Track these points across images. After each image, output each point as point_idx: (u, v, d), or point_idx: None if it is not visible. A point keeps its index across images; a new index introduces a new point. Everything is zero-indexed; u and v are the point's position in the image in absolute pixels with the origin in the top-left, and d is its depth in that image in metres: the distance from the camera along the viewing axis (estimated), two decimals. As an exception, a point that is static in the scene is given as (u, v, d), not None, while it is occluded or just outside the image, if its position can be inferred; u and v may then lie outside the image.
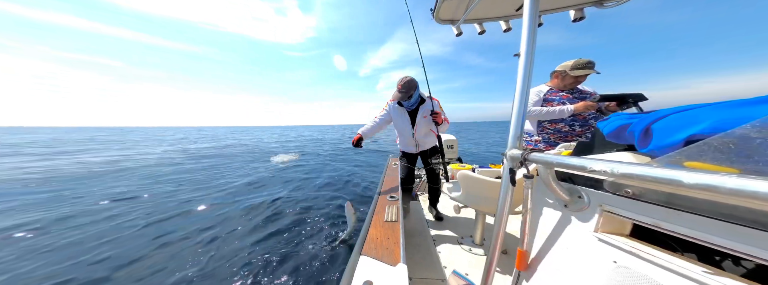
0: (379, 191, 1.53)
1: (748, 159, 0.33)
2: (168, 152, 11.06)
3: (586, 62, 1.50)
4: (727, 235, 0.35)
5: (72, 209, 3.60)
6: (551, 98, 1.62)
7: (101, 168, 6.92)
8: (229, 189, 4.63)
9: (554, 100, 1.61)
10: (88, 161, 8.34)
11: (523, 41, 0.68)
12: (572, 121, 1.58)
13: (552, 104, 1.60)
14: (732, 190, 0.24)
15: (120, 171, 6.49)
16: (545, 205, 0.67)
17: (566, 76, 1.57)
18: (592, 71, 1.50)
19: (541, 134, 1.70)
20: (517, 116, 0.67)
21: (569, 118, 1.57)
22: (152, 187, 4.79)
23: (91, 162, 8.19)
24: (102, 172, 6.30)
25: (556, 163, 0.48)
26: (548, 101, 1.62)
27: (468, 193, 1.48)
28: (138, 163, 7.88)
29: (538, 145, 1.70)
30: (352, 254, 0.83)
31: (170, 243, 2.53)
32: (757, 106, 0.43)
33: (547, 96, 1.63)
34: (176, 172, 6.26)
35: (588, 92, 1.61)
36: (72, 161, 8.38)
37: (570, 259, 0.57)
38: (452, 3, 1.32)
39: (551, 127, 1.64)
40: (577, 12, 1.31)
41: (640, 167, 0.32)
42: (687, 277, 0.38)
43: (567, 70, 1.54)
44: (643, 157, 0.61)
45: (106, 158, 9.12)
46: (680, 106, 0.54)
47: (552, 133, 1.65)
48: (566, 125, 1.59)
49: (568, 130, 1.60)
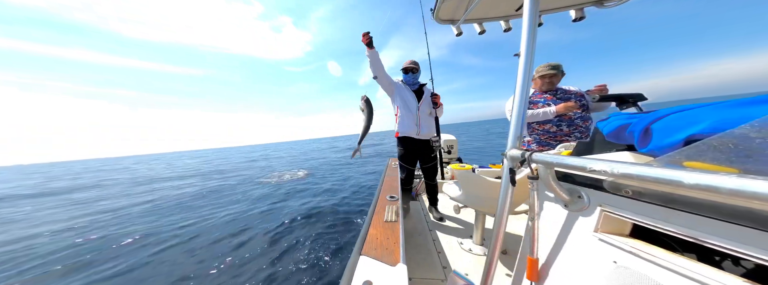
0: (379, 191, 1.53)
1: (747, 159, 0.33)
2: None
3: (546, 65, 1.67)
4: (727, 235, 0.35)
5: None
6: (536, 100, 1.71)
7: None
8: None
9: (539, 102, 1.70)
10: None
11: (523, 41, 0.68)
12: (559, 121, 1.64)
13: (537, 106, 1.69)
14: (732, 190, 0.23)
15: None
16: (545, 205, 0.67)
17: (535, 80, 1.72)
18: (554, 71, 1.65)
19: (531, 135, 1.77)
20: (517, 116, 0.67)
21: (556, 119, 1.64)
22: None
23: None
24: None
25: (556, 163, 0.48)
26: (534, 103, 1.71)
27: (468, 193, 1.48)
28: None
29: (530, 145, 1.78)
30: (352, 254, 0.83)
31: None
32: (757, 106, 0.43)
33: (532, 98, 1.73)
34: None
35: (572, 92, 1.67)
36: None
37: (570, 259, 0.57)
38: (452, 3, 1.32)
39: (540, 128, 1.71)
40: (578, 12, 1.31)
41: (640, 167, 0.32)
42: (687, 277, 0.38)
43: (535, 74, 1.71)
44: (643, 157, 0.61)
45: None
46: (680, 106, 0.54)
47: (541, 134, 1.72)
48: (554, 126, 1.66)
49: (556, 131, 1.66)
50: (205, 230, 3.78)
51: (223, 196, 6.36)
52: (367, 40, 1.68)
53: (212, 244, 3.23)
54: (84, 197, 8.36)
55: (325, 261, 2.55)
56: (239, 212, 4.58)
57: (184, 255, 3.00)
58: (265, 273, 2.39)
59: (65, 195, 9.29)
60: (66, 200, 8.05)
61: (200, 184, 8.70)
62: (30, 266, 3.11)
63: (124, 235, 3.90)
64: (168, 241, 3.45)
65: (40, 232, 4.59)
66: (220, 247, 3.09)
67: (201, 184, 8.91)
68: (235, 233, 3.51)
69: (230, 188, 7.35)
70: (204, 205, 5.53)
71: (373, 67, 1.82)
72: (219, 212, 4.72)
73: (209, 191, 7.17)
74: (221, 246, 3.14)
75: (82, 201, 7.61)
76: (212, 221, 4.19)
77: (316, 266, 2.47)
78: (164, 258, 2.96)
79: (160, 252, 3.13)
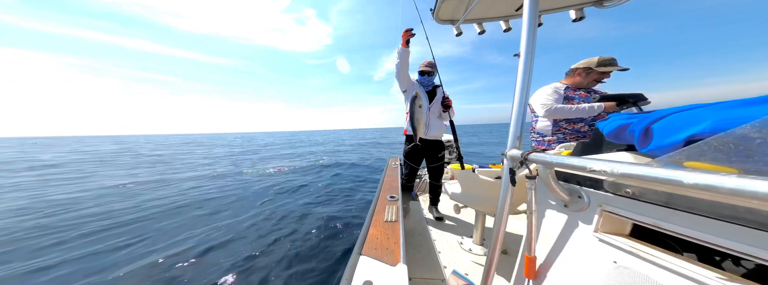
0: (379, 191, 1.53)
1: (748, 159, 0.33)
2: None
3: (611, 58, 1.41)
4: (727, 235, 0.35)
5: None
6: (572, 96, 1.52)
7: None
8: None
9: (575, 98, 1.51)
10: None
11: (523, 41, 0.68)
12: (593, 120, 1.48)
13: (573, 103, 1.49)
14: (732, 190, 0.23)
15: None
16: (545, 205, 0.67)
17: (591, 73, 1.47)
18: (617, 68, 1.42)
19: (555, 134, 1.58)
20: (517, 116, 0.67)
21: (589, 118, 1.47)
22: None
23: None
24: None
25: (556, 163, 0.48)
26: (569, 99, 1.52)
27: (468, 193, 1.47)
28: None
29: (551, 145, 1.58)
30: (352, 254, 0.83)
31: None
32: (757, 106, 0.43)
33: (568, 94, 1.53)
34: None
35: (601, 92, 1.53)
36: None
37: (570, 259, 0.57)
38: (452, 3, 1.32)
39: (569, 127, 1.53)
40: (578, 12, 1.31)
41: (640, 167, 0.32)
42: (687, 277, 0.38)
43: (593, 67, 1.45)
44: (643, 157, 0.61)
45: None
46: (680, 106, 0.54)
47: (569, 133, 1.54)
48: (586, 125, 1.49)
49: (587, 130, 1.49)
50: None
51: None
52: (408, 38, 1.66)
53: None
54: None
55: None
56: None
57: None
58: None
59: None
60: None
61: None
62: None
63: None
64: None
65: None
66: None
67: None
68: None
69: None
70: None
71: (400, 64, 1.82)
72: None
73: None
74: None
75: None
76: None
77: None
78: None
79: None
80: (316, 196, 4.45)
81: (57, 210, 3.96)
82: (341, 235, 2.81)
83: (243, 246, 2.56)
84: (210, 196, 4.57)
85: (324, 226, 3.01)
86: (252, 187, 5.23)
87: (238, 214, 3.54)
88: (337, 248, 2.48)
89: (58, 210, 3.96)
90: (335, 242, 2.64)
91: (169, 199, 4.47)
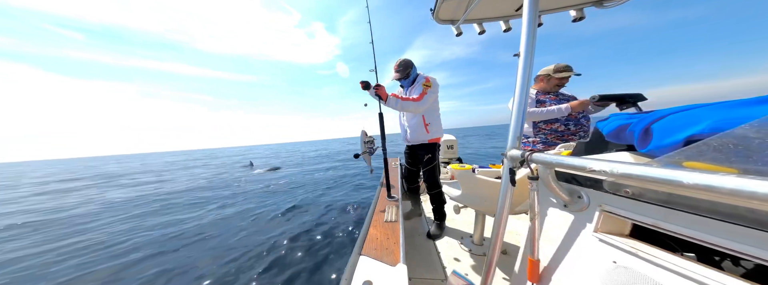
0: (379, 191, 1.53)
1: (747, 159, 0.33)
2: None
3: (566, 66, 1.63)
4: (727, 235, 0.35)
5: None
6: (543, 100, 1.68)
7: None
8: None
9: (546, 102, 1.67)
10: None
11: (523, 41, 0.68)
12: (566, 120, 1.63)
13: (545, 105, 1.65)
14: (732, 190, 0.23)
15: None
16: (545, 206, 0.67)
17: (551, 79, 1.67)
18: (572, 73, 1.62)
19: (538, 135, 1.73)
20: (517, 116, 0.67)
21: (563, 118, 1.63)
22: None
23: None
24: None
25: (556, 163, 0.48)
26: (541, 103, 1.68)
27: (468, 193, 1.47)
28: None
29: (536, 145, 1.73)
30: (352, 254, 0.83)
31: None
32: (756, 106, 0.43)
33: (539, 98, 1.69)
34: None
35: (568, 95, 1.70)
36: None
37: (570, 259, 0.57)
38: (452, 3, 1.31)
39: (547, 127, 1.68)
40: (578, 12, 1.31)
41: (639, 167, 0.32)
42: (687, 277, 0.38)
43: (551, 73, 1.65)
44: (642, 157, 0.61)
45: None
46: (680, 106, 0.54)
47: (549, 134, 1.68)
48: (562, 125, 1.64)
49: (563, 130, 1.64)
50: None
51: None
52: (364, 87, 1.55)
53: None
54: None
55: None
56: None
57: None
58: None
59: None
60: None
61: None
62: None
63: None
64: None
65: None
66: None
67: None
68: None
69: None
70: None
71: (398, 107, 1.67)
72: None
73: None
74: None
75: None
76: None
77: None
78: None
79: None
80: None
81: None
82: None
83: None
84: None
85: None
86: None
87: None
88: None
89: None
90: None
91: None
